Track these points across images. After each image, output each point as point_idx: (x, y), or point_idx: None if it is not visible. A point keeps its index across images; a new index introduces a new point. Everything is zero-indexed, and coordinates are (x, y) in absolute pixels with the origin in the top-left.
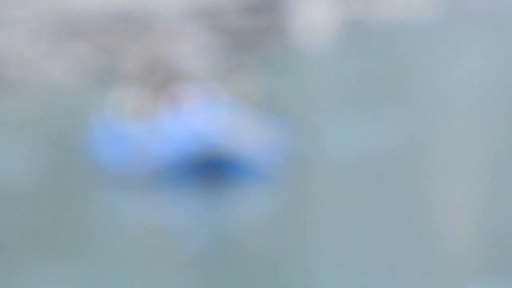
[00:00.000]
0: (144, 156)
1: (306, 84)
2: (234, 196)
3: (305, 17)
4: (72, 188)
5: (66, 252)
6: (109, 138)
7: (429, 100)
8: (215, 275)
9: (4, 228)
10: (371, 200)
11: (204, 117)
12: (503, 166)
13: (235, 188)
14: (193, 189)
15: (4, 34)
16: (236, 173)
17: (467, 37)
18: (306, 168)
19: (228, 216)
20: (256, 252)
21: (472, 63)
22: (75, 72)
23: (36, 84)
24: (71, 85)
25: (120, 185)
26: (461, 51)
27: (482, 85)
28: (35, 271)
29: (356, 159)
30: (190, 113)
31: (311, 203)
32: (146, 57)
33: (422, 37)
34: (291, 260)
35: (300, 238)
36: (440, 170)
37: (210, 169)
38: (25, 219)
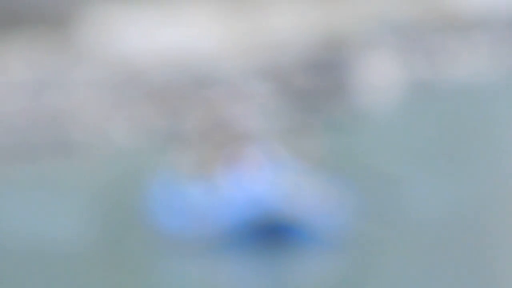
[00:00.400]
0: (203, 220)
1: (370, 144)
2: (296, 263)
3: (369, 77)
4: (130, 252)
5: None
6: (168, 201)
7: (496, 162)
8: None
9: None
10: (438, 263)
11: (264, 179)
12: None
13: (298, 255)
14: (253, 254)
15: (66, 95)
16: (298, 238)
17: None
18: (370, 231)
19: (290, 284)
20: None
21: None
22: (136, 132)
23: (96, 145)
24: (131, 146)
25: (178, 249)
26: None
27: None
28: None
29: (422, 221)
30: (250, 175)
31: (377, 267)
32: (207, 117)
33: (488, 98)
34: None
35: None
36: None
37: (271, 235)
38: (81, 283)
